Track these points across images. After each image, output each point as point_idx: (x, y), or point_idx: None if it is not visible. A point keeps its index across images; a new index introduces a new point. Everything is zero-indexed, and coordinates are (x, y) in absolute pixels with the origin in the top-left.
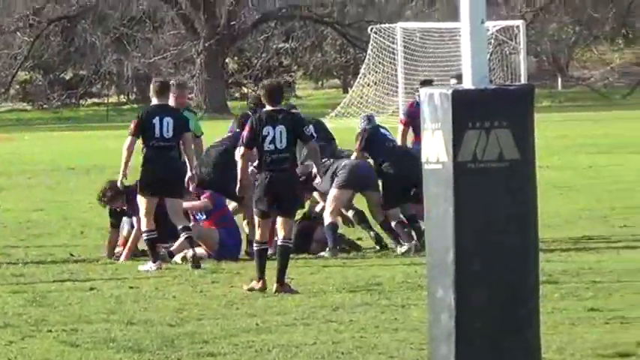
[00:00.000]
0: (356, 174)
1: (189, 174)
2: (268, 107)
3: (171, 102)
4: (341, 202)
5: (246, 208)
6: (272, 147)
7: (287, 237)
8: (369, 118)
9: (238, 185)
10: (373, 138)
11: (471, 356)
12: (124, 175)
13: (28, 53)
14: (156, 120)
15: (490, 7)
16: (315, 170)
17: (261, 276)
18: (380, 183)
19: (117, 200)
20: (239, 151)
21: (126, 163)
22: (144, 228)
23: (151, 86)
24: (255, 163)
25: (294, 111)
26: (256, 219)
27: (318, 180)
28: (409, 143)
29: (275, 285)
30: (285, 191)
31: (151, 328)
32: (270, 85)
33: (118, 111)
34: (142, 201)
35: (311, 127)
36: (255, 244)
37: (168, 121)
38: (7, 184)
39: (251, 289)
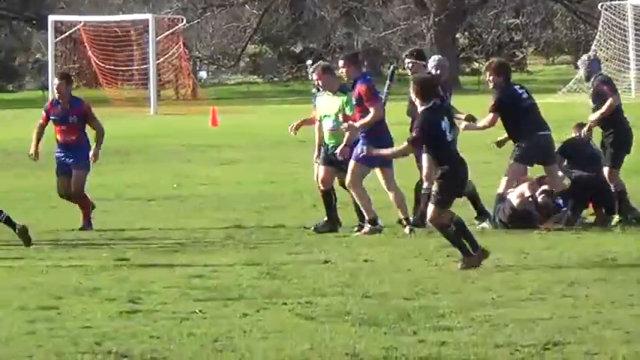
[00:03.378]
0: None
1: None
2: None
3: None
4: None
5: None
6: (450, 138)
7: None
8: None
9: None
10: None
11: None
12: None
13: (257, 26)
14: None
15: None
16: None
17: (475, 246)
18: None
19: None
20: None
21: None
22: None
23: None
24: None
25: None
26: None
27: None
28: None
29: None
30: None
31: (386, 301)
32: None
33: None
34: None
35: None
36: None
37: None
38: (238, 157)
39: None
